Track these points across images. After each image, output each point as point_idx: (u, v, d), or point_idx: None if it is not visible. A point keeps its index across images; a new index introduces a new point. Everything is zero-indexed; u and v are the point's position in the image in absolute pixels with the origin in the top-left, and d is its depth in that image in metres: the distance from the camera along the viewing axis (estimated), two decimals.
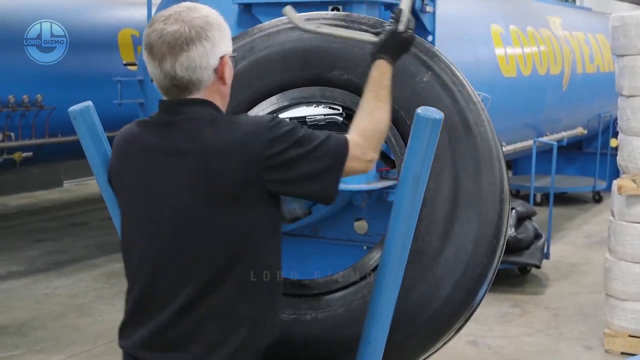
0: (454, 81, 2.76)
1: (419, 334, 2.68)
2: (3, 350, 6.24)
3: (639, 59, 6.05)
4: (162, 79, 2.36)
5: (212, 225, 2.32)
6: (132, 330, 2.44)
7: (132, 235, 2.47)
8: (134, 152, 2.45)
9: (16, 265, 8.72)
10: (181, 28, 2.30)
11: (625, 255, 6.09)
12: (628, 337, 6.07)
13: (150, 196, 2.41)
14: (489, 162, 2.70)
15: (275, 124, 2.31)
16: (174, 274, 2.37)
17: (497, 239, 2.71)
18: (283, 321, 2.72)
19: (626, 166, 6.16)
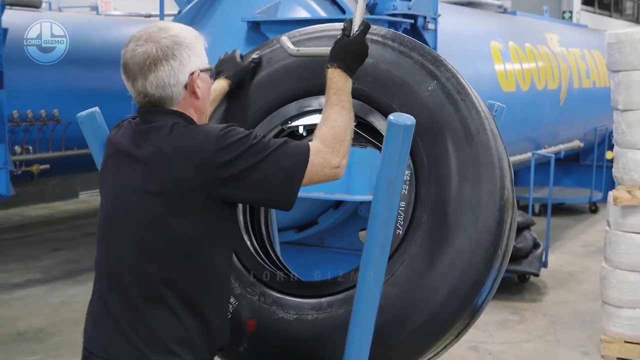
0: (458, 90, 2.72)
1: (414, 337, 2.64)
2: (21, 355, 6.25)
3: (633, 75, 6.05)
4: (137, 96, 2.42)
5: (162, 227, 2.33)
6: (89, 325, 2.53)
7: (100, 231, 2.53)
8: (111, 152, 2.52)
9: (34, 273, 8.74)
10: (150, 49, 2.34)
11: (621, 264, 6.09)
12: (624, 343, 6.06)
13: (109, 192, 2.48)
14: (490, 170, 2.65)
15: (226, 132, 2.31)
16: (124, 271, 2.40)
17: (496, 246, 2.65)
18: (286, 320, 2.75)
19: (621, 178, 6.16)
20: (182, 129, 2.34)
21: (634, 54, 6.04)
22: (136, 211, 2.37)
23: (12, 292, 8.08)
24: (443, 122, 2.68)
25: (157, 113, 2.40)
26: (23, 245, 10.12)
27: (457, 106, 2.69)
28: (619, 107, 6.18)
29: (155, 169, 2.33)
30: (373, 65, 2.72)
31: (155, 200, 2.33)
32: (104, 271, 2.48)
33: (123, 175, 2.43)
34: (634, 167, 6.03)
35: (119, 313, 2.40)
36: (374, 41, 2.78)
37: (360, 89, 2.68)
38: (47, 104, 9.56)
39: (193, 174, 2.29)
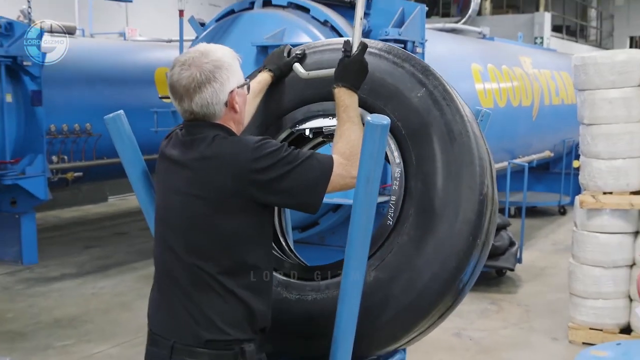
0: (444, 96, 2.71)
1: (402, 316, 2.64)
2: (58, 340, 6.27)
3: (597, 93, 6.06)
4: (183, 113, 2.46)
5: (206, 225, 2.37)
6: (151, 310, 2.55)
7: (156, 229, 2.58)
8: (162, 160, 2.55)
9: (68, 268, 8.75)
10: (194, 73, 2.37)
11: (586, 260, 6.10)
12: (589, 329, 6.07)
13: (166, 197, 2.51)
14: (471, 168, 2.63)
15: (261, 144, 2.35)
16: (175, 263, 2.44)
17: (475, 236, 2.65)
18: (289, 300, 2.76)
19: (587, 184, 6.17)
20: (222, 140, 2.38)
21: (597, 75, 6.05)
22: (182, 211, 2.42)
23: (49, 284, 8.09)
24: (430, 124, 2.67)
25: (201, 126, 2.43)
26: (59, 243, 10.13)
27: (442, 110, 2.68)
28: (585, 121, 6.19)
29: (198, 174, 2.38)
30: (370, 74, 2.70)
31: (199, 201, 2.37)
32: (160, 264, 2.53)
33: (171, 180, 2.48)
34: (598, 175, 6.04)
35: (174, 299, 2.45)
36: (371, 53, 2.78)
37: (359, 95, 2.66)
38: (80, 119, 9.57)
39: (231, 180, 2.33)
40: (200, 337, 2.37)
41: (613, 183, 5.99)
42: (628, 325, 6.03)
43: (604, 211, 6.00)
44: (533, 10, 23.08)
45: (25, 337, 6.38)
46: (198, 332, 2.37)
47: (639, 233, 6.03)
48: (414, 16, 6.88)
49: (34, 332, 6.49)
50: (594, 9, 27.89)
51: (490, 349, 6.05)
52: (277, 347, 2.81)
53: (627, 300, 6.03)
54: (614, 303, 6.02)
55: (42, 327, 6.63)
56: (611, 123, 6.01)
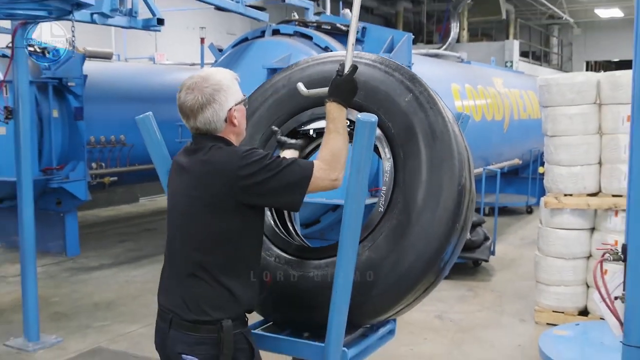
0: (428, 101, 2.72)
1: (390, 291, 2.65)
2: (96, 320, 6.27)
3: (558, 109, 6.07)
4: (191, 129, 2.53)
5: (202, 222, 2.43)
6: (159, 290, 2.62)
7: (167, 225, 2.63)
8: (174, 167, 2.63)
9: (105, 259, 8.76)
10: (197, 96, 2.44)
11: (550, 252, 6.10)
12: (552, 312, 6.07)
13: (173, 197, 2.59)
14: (450, 163, 2.64)
15: (248, 153, 2.39)
16: (178, 253, 2.53)
17: (454, 222, 2.66)
18: (294, 276, 2.78)
19: (550, 187, 6.17)
20: (217, 149, 2.44)
21: (558, 94, 6.06)
22: (183, 209, 2.49)
23: (89, 273, 8.10)
24: (416, 125, 2.68)
25: (204, 139, 2.49)
26: (97, 238, 10.14)
27: (426, 113, 2.70)
28: (548, 133, 6.19)
29: (196, 177, 2.45)
30: (365, 83, 2.72)
31: (196, 201, 2.43)
32: (166, 253, 2.61)
33: (177, 183, 2.56)
34: (560, 180, 6.05)
35: (173, 283, 2.54)
36: (366, 64, 2.81)
37: (355, 100, 2.66)
38: (115, 131, 9.58)
39: (221, 183, 2.38)
40: (190, 314, 2.45)
41: (572, 186, 5.99)
42: (585, 309, 6.03)
43: (564, 210, 6.01)
44: (504, 38, 23.11)
45: (69, 318, 6.39)
46: (187, 312, 2.45)
47: (594, 229, 6.03)
48: (402, 43, 6.90)
49: (76, 314, 6.50)
50: (555, 37, 27.94)
51: (468, 329, 6.04)
52: (283, 316, 2.85)
53: (585, 287, 6.03)
54: (573, 289, 6.02)
55: (83, 310, 6.64)
56: (571, 135, 6.01)
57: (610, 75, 5.96)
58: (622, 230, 5.49)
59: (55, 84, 8.51)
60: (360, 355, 2.77)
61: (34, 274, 5.64)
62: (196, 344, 2.43)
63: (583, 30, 27.55)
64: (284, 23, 7.54)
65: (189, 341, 2.44)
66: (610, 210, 5.84)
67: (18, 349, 5.53)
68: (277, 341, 2.81)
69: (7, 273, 8.02)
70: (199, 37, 9.10)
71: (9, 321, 6.26)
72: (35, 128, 8.15)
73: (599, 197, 5.93)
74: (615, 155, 5.82)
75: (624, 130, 5.71)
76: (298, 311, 2.80)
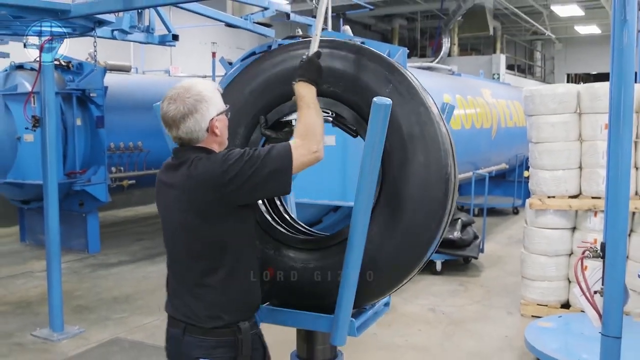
0: (408, 90, 2.55)
1: (387, 275, 2.57)
2: (115, 313, 6.28)
3: (541, 118, 6.08)
4: (173, 138, 2.41)
5: (198, 232, 2.33)
6: (167, 302, 2.53)
7: (164, 238, 2.52)
8: (159, 185, 2.50)
9: (124, 256, 8.77)
10: (179, 107, 2.32)
11: (535, 250, 6.10)
12: (537, 305, 6.07)
13: (165, 214, 2.47)
14: (435, 154, 2.47)
15: (227, 157, 2.27)
16: (181, 265, 2.44)
17: (443, 210, 2.50)
18: (295, 268, 2.70)
19: (534, 190, 6.17)
20: (199, 161, 2.31)
21: (541, 104, 6.06)
22: (178, 223, 2.38)
23: (109, 269, 8.11)
24: (398, 116, 2.50)
25: (186, 150, 2.37)
26: (116, 236, 10.15)
27: (408, 104, 2.53)
28: (533, 140, 6.19)
29: (184, 192, 2.32)
30: (343, 73, 2.58)
31: (189, 215, 2.32)
32: (169, 266, 2.51)
33: (165, 200, 2.44)
34: (543, 183, 6.05)
35: (182, 295, 2.43)
36: (342, 53, 2.62)
37: (335, 91, 2.55)
38: (134, 138, 9.59)
39: (211, 193, 2.27)
40: (204, 324, 2.36)
41: (555, 189, 6.00)
42: (567, 302, 6.03)
43: (548, 211, 6.00)
44: (491, 52, 23.09)
45: (90, 310, 6.39)
46: (200, 321, 2.37)
47: (575, 229, 6.03)
48: (398, 57, 6.86)
49: (97, 307, 6.51)
50: (538, 52, 27.94)
51: (459, 321, 6.04)
52: (289, 304, 2.76)
53: (567, 282, 6.03)
54: (556, 284, 6.02)
55: (103, 303, 6.64)
56: (553, 142, 6.01)
57: (589, 87, 5.97)
58: (600, 230, 5.45)
59: (78, 95, 8.54)
60: (362, 327, 2.71)
61: (59, 269, 5.65)
62: (213, 348, 2.35)
63: (564, 45, 27.56)
64: (288, 38, 7.53)
65: (205, 345, 2.36)
66: (589, 211, 5.84)
67: (44, 338, 5.54)
68: (286, 314, 2.74)
69: (33, 269, 8.03)
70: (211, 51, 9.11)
71: (36, 313, 6.26)
72: (60, 135, 8.19)
73: (580, 199, 5.93)
74: (594, 160, 5.83)
75: (602, 138, 5.73)
76: (302, 299, 2.72)
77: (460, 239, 7.64)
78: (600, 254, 2.95)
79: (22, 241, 9.66)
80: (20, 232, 9.72)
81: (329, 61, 2.61)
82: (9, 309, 6.43)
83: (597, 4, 20.23)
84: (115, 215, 12.07)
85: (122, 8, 4.16)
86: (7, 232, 10.37)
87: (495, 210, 12.20)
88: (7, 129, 8.69)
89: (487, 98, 10.62)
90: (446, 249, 7.60)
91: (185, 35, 9.22)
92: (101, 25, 5.28)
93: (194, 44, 15.97)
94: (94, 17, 4.90)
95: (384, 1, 20.10)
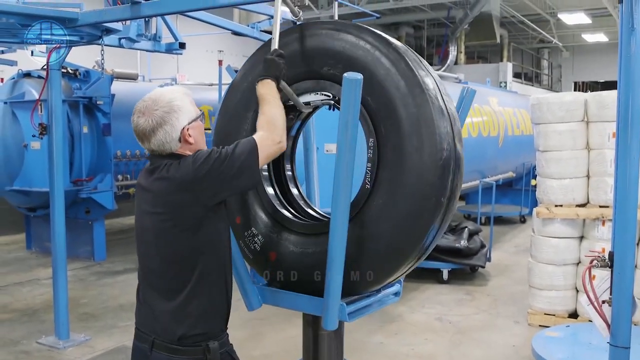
0: (404, 71, 2.45)
1: (382, 261, 2.51)
2: (121, 321, 6.28)
3: (549, 126, 6.07)
4: (147, 150, 2.41)
5: (172, 237, 2.31)
6: (136, 312, 2.51)
7: (137, 247, 2.49)
8: (137, 189, 2.48)
9: (129, 264, 8.76)
10: (147, 121, 2.32)
11: (542, 259, 6.08)
12: (544, 314, 6.04)
13: (137, 218, 2.44)
14: (431, 137, 2.38)
15: (195, 158, 2.27)
16: (152, 273, 2.41)
17: (438, 197, 2.42)
18: (295, 252, 2.67)
19: (542, 198, 6.16)
20: (170, 165, 2.31)
21: (549, 112, 6.06)
22: (152, 228, 2.35)
23: (115, 276, 8.12)
24: (393, 98, 2.43)
25: (161, 158, 2.37)
26: (123, 244, 10.15)
27: (402, 84, 2.43)
28: (540, 148, 6.18)
29: (158, 195, 2.31)
30: (339, 52, 2.54)
31: (162, 217, 2.30)
32: (141, 274, 2.48)
33: (141, 203, 2.41)
34: (551, 191, 6.03)
35: (153, 303, 2.41)
36: (342, 38, 2.57)
37: (334, 73, 2.52)
38: (140, 146, 9.59)
39: (184, 193, 2.25)
40: (174, 333, 2.32)
41: (563, 198, 5.98)
42: (575, 311, 6.00)
43: (555, 220, 5.99)
44: (498, 60, 23.09)
45: (96, 318, 6.40)
46: (173, 329, 2.33)
47: (583, 237, 6.01)
48: None
49: (103, 314, 6.51)
50: (545, 60, 27.91)
51: (465, 330, 6.01)
52: (289, 287, 2.74)
53: (575, 291, 6.00)
54: (564, 293, 5.99)
55: (109, 311, 6.65)
56: (561, 150, 6.00)
57: (597, 95, 5.96)
58: (608, 239, 5.45)
59: (85, 103, 8.58)
60: (359, 312, 2.66)
61: (65, 277, 5.66)
62: None
63: (571, 53, 27.54)
64: None
65: None
66: (597, 220, 5.82)
67: (50, 346, 5.54)
68: (279, 295, 2.73)
69: (40, 276, 8.05)
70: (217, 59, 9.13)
71: (42, 320, 6.27)
72: (67, 143, 8.21)
73: (587, 207, 5.91)
74: (602, 169, 5.82)
75: (610, 146, 5.72)
76: (300, 281, 2.70)
77: (467, 247, 7.62)
78: (608, 263, 2.94)
79: (28, 249, 9.69)
80: (27, 240, 9.75)
81: (329, 42, 2.59)
82: (15, 317, 6.44)
83: (604, 12, 20.19)
84: (122, 222, 12.09)
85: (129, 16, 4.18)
86: (13, 240, 10.41)
87: (502, 219, 12.16)
88: (14, 136, 8.73)
89: (494, 106, 10.62)
90: (453, 257, 7.58)
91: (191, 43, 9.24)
92: (109, 33, 5.30)
93: (200, 51, 16.03)
94: (102, 26, 4.93)
95: (390, 9, 20.13)
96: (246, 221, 2.85)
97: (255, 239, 2.81)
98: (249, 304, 2.83)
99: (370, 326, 5.96)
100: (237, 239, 2.85)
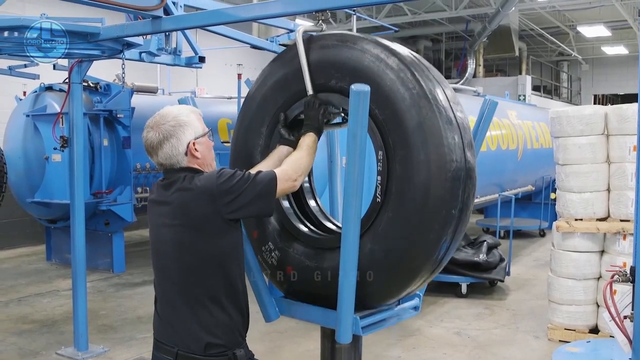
0: (409, 82, 2.41)
1: (395, 275, 2.50)
2: (140, 332, 6.30)
3: (569, 140, 6.03)
4: (156, 164, 2.48)
5: (193, 249, 2.34)
6: (155, 324, 2.52)
7: (153, 261, 2.52)
8: (149, 206, 2.54)
9: (148, 276, 8.78)
10: (154, 135, 2.40)
11: (562, 273, 6.02)
12: (564, 330, 5.97)
13: (154, 232, 2.49)
14: (438, 150, 2.34)
15: (221, 174, 2.33)
16: (172, 285, 2.42)
17: (448, 209, 2.37)
18: (310, 267, 2.69)
19: (562, 212, 6.11)
20: (191, 177, 2.36)
21: (568, 126, 6.02)
22: (171, 240, 2.39)
23: (134, 288, 8.16)
24: (400, 110, 2.40)
25: (173, 172, 2.42)
26: (142, 256, 10.19)
27: (408, 96, 2.39)
28: (560, 162, 6.14)
29: (178, 206, 2.35)
30: (348, 67, 2.54)
31: (182, 229, 2.35)
32: (159, 289, 2.50)
33: (157, 218, 2.45)
34: (571, 205, 5.99)
35: (173, 316, 2.42)
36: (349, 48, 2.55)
37: (342, 86, 2.53)
38: None
39: (207, 206, 2.30)
40: (198, 344, 2.34)
41: (583, 212, 5.93)
42: (596, 327, 5.93)
43: (575, 234, 5.93)
44: (517, 73, 23.05)
45: (115, 329, 6.43)
46: (196, 340, 2.35)
47: (604, 252, 5.95)
48: None
49: (121, 326, 6.54)
50: (565, 73, 27.79)
51: (484, 345, 5.96)
52: (305, 300, 2.76)
53: (595, 306, 5.93)
54: (584, 308, 5.92)
55: (128, 322, 6.68)
56: (581, 164, 5.96)
57: (617, 108, 5.92)
58: (630, 253, 5.41)
59: (106, 116, 8.68)
60: (374, 326, 2.65)
61: (84, 289, 5.70)
62: None
63: (591, 66, 27.39)
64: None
65: None
66: (618, 234, 5.76)
67: (69, 357, 5.57)
68: (294, 307, 2.76)
69: (59, 287, 8.12)
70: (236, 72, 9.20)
71: (61, 332, 6.32)
72: (88, 155, 8.30)
73: (608, 221, 5.85)
74: (623, 183, 5.77)
75: (630, 160, 5.67)
76: (316, 295, 2.71)
77: (485, 261, 7.57)
78: (630, 278, 2.91)
79: (48, 260, 9.78)
80: (47, 251, 9.85)
81: (335, 55, 2.59)
82: (35, 327, 6.49)
83: (624, 24, 20.10)
84: (141, 235, 12.15)
85: (150, 31, 4.22)
86: (33, 251, 10.51)
87: (522, 233, 12.08)
88: (36, 149, 8.84)
89: (512, 119, 10.58)
90: (472, 271, 7.53)
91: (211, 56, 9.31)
92: (129, 47, 5.36)
93: (219, 65, 16.15)
94: (123, 40, 4.99)
95: (408, 23, 20.18)
96: (263, 236, 2.87)
97: (272, 254, 2.83)
98: (267, 315, 2.85)
99: (389, 340, 5.93)
100: (255, 254, 2.87)
